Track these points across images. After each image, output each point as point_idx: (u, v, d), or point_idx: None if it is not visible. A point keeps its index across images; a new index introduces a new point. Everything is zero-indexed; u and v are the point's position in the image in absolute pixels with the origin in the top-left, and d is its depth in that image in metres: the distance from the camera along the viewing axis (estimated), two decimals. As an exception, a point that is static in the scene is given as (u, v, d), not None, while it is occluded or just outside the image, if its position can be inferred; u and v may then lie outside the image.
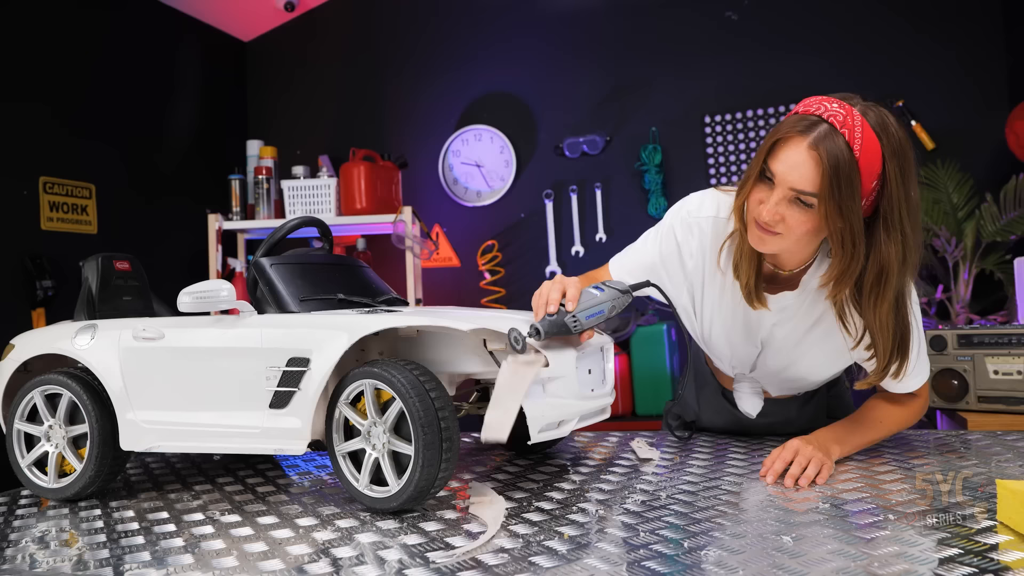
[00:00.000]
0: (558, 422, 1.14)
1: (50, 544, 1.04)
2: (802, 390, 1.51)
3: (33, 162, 2.79)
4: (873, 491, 1.11)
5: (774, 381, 1.48)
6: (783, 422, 1.56)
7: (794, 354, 1.39)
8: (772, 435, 1.57)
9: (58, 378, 1.27)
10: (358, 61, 3.89)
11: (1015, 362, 1.96)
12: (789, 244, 1.22)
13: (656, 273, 1.43)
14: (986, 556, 0.82)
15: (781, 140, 1.17)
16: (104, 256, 1.43)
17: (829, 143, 1.12)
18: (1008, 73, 3.15)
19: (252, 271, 1.27)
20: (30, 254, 2.73)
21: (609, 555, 0.88)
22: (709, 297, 1.40)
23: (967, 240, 2.89)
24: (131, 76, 3.28)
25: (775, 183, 1.18)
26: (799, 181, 1.15)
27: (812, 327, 1.34)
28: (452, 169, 3.71)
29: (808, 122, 1.15)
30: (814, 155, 1.13)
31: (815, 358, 1.39)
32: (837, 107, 1.15)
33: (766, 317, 1.35)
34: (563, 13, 3.59)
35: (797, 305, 1.33)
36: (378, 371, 1.07)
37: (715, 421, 1.63)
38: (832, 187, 1.12)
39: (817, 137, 1.13)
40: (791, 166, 1.15)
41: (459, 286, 3.70)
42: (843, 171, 1.12)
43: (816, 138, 1.13)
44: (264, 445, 1.17)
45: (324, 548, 0.96)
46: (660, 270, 1.43)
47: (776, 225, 1.19)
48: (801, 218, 1.17)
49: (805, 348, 1.37)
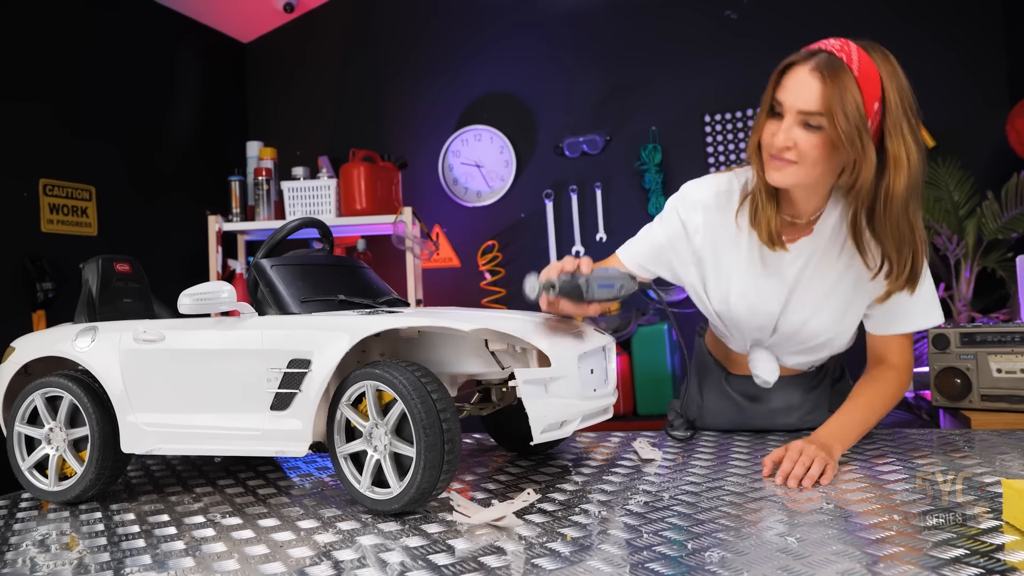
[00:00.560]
0: (560, 422, 1.14)
1: (51, 547, 1.04)
2: (815, 357, 1.54)
3: (33, 164, 2.79)
4: (877, 491, 1.11)
5: (791, 344, 1.50)
6: (785, 408, 1.59)
7: (814, 305, 1.43)
8: (773, 427, 1.59)
9: (59, 381, 1.27)
10: (357, 62, 3.88)
11: (1018, 360, 1.96)
12: (805, 171, 1.29)
13: (664, 255, 1.50)
14: (992, 556, 0.82)
15: (785, 72, 1.28)
16: (104, 258, 1.43)
17: (829, 65, 1.23)
18: (1008, 71, 3.15)
19: (253, 273, 1.27)
20: (30, 256, 2.73)
21: (612, 557, 0.88)
22: (727, 261, 1.46)
23: (968, 238, 2.88)
24: (131, 78, 3.28)
25: (784, 112, 1.27)
26: (805, 103, 1.24)
27: (831, 274, 1.41)
28: (452, 169, 3.70)
29: (809, 52, 1.27)
30: (816, 76, 1.23)
31: (833, 310, 1.43)
32: (835, 42, 1.27)
33: (787, 266, 1.41)
34: (562, 13, 3.59)
35: (813, 249, 1.40)
36: (379, 372, 1.07)
37: (719, 409, 1.65)
38: (835, 102, 1.21)
39: (817, 62, 1.24)
40: (796, 91, 1.25)
41: (459, 286, 3.69)
42: (843, 87, 1.21)
43: (816, 63, 1.24)
44: (265, 447, 1.17)
45: (325, 551, 0.96)
46: (668, 251, 1.50)
47: (789, 152, 1.27)
48: (812, 141, 1.26)
49: (824, 298, 1.42)
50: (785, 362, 1.54)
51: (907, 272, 1.32)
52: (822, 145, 1.25)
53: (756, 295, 1.44)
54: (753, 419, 1.62)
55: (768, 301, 1.44)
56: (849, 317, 1.44)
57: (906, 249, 1.31)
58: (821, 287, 1.42)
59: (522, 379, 1.10)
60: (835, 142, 1.24)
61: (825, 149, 1.26)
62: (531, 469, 1.36)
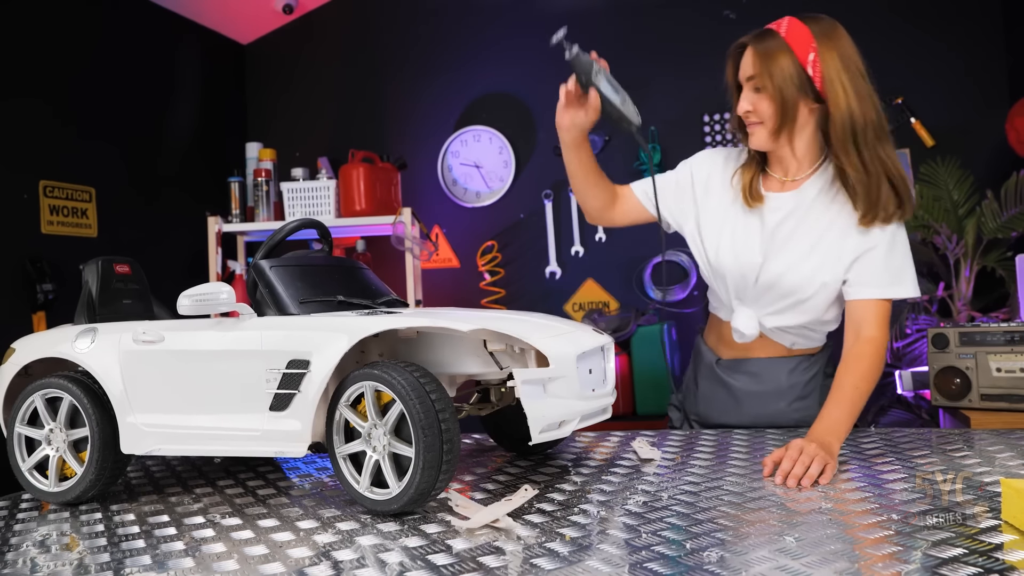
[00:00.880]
0: (559, 422, 1.14)
1: (51, 548, 1.04)
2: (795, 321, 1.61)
3: (33, 166, 2.79)
4: (876, 490, 1.11)
5: (771, 297, 1.60)
6: (775, 391, 1.67)
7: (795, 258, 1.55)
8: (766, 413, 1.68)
9: (58, 382, 1.27)
10: (357, 63, 3.89)
11: (1018, 359, 1.96)
12: (769, 129, 1.51)
13: (669, 193, 1.71)
14: (991, 556, 0.82)
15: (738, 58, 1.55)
16: (104, 259, 1.43)
17: (759, 36, 1.51)
18: (1008, 70, 3.15)
19: (251, 273, 1.27)
20: (30, 257, 2.73)
21: (611, 557, 0.88)
22: (719, 210, 1.64)
23: (968, 237, 2.88)
24: (131, 79, 3.28)
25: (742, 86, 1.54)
26: (747, 70, 1.51)
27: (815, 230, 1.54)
28: (451, 170, 3.71)
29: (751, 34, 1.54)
30: (751, 49, 1.51)
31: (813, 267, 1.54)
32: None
33: (769, 214, 1.58)
34: (561, 13, 3.59)
35: (797, 203, 1.56)
36: (378, 373, 1.07)
37: (712, 394, 1.74)
38: (766, 62, 1.47)
39: (752, 36, 1.52)
40: (743, 65, 1.53)
41: (459, 287, 3.69)
42: (770, 48, 1.47)
43: (751, 37, 1.52)
44: (264, 448, 1.17)
45: (325, 551, 0.96)
46: (673, 192, 1.72)
47: (752, 115, 1.52)
48: (763, 101, 1.49)
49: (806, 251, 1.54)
50: (766, 323, 1.63)
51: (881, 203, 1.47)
52: (769, 102, 1.48)
53: (743, 243, 1.59)
54: (745, 402, 1.70)
55: (751, 249, 1.58)
56: (827, 274, 1.53)
57: (876, 182, 1.46)
58: (805, 240, 1.55)
59: (520, 379, 1.10)
60: (778, 95, 1.46)
61: (775, 104, 1.48)
62: (530, 469, 1.36)
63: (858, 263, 1.51)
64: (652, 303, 3.41)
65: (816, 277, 1.54)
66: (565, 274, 3.58)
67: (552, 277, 3.58)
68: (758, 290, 1.60)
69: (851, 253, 1.51)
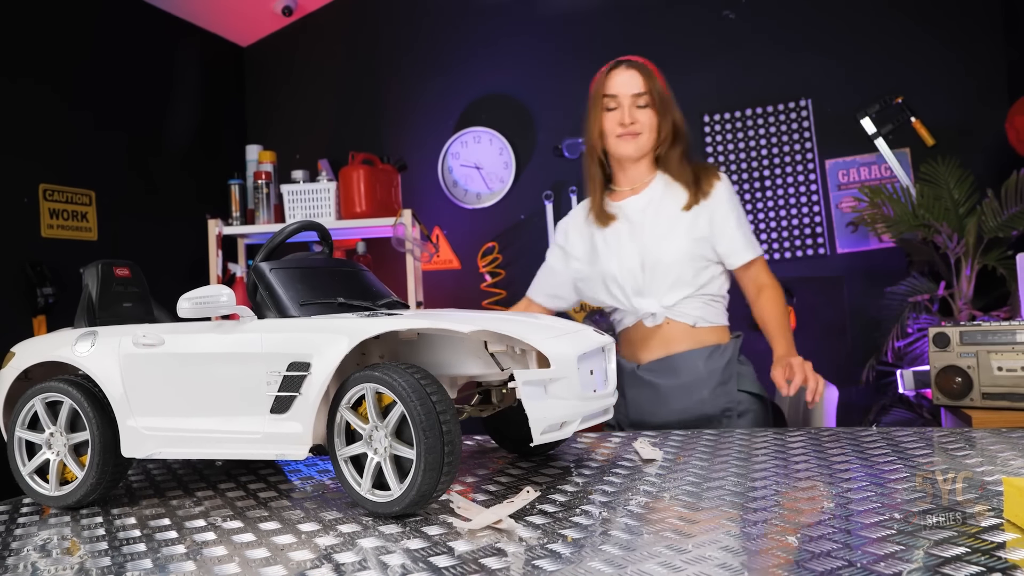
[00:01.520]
0: (560, 423, 1.14)
1: (52, 552, 1.04)
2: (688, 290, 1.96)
3: (33, 169, 2.80)
4: (878, 490, 1.11)
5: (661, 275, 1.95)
6: (695, 381, 1.91)
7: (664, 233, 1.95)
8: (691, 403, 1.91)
9: (59, 385, 1.27)
10: (356, 64, 3.89)
11: (1019, 358, 1.96)
12: (646, 138, 1.95)
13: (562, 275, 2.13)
14: (993, 555, 0.82)
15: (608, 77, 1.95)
16: (104, 263, 1.43)
17: (638, 64, 1.95)
18: (1008, 69, 3.15)
19: (251, 276, 1.27)
20: (31, 261, 2.73)
21: (613, 558, 0.88)
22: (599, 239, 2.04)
23: (969, 236, 2.88)
24: (130, 82, 3.28)
25: (618, 102, 1.93)
26: (635, 87, 1.92)
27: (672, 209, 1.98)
28: (451, 171, 3.71)
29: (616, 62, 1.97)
30: (633, 70, 1.94)
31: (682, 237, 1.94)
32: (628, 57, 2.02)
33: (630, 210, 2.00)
34: (560, 14, 3.59)
35: (650, 198, 2.00)
36: (379, 375, 1.07)
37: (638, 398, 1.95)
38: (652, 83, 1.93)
39: (628, 64, 1.95)
40: (625, 83, 1.93)
41: (460, 288, 3.70)
42: (651, 74, 1.94)
43: (628, 64, 1.95)
44: (266, 450, 1.17)
45: (326, 554, 0.96)
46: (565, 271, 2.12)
47: (634, 126, 1.92)
48: (647, 115, 1.94)
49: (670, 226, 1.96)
50: (667, 300, 1.94)
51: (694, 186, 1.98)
52: (652, 116, 1.94)
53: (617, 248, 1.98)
54: (671, 397, 1.89)
55: (626, 245, 1.97)
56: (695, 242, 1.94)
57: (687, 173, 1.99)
58: (666, 220, 1.95)
59: (521, 380, 1.10)
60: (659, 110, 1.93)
61: (655, 118, 1.94)
62: (532, 470, 1.36)
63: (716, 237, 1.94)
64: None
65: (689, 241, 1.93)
66: (565, 275, 3.57)
67: (552, 278, 3.58)
68: (648, 276, 1.94)
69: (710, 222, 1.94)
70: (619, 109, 1.92)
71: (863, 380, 3.10)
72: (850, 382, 3.14)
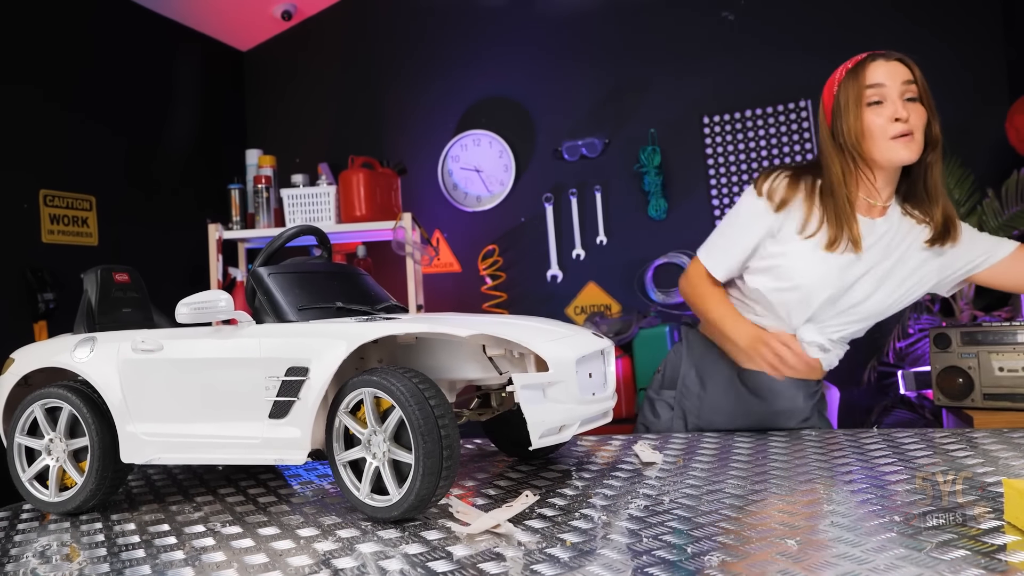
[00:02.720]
0: (559, 427, 1.14)
1: (51, 558, 1.04)
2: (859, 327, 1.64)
3: (33, 175, 2.80)
4: (878, 492, 1.11)
5: (848, 314, 1.60)
6: (788, 411, 1.68)
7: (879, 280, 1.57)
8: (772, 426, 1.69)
9: (58, 391, 1.27)
10: (355, 68, 3.89)
11: (1020, 359, 1.95)
12: (920, 139, 1.50)
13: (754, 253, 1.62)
14: (993, 557, 0.81)
15: (866, 67, 1.49)
16: (104, 268, 1.43)
17: (896, 54, 1.50)
18: (1007, 68, 3.15)
19: (250, 281, 1.27)
20: (31, 267, 2.73)
21: (612, 562, 0.88)
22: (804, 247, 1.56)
23: (969, 236, 2.87)
24: (130, 87, 3.29)
25: (884, 94, 1.48)
26: (903, 74, 1.47)
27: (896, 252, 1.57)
28: (451, 174, 3.71)
29: (869, 54, 1.51)
30: (894, 60, 1.49)
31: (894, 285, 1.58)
32: None
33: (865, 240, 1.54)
34: (559, 16, 3.59)
35: (885, 229, 1.56)
36: (377, 379, 1.07)
37: (721, 404, 1.72)
38: (917, 73, 1.49)
39: (886, 55, 1.49)
40: (891, 72, 1.48)
41: (460, 291, 3.69)
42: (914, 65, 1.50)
43: (886, 56, 1.49)
44: (264, 455, 1.17)
45: (325, 559, 0.96)
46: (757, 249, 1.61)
47: (906, 125, 1.46)
48: (919, 110, 1.49)
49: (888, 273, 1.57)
50: (833, 335, 1.63)
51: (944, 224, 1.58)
52: (923, 112, 1.49)
53: (839, 271, 1.54)
54: (759, 416, 1.69)
55: (845, 273, 1.55)
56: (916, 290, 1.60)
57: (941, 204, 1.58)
58: (887, 263, 1.56)
59: (520, 384, 1.09)
60: (928, 106, 1.50)
61: (926, 114, 1.49)
62: (531, 474, 1.36)
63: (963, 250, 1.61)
64: (654, 305, 3.41)
65: (908, 290, 1.59)
66: (567, 277, 3.57)
67: (554, 280, 3.58)
68: (840, 306, 1.59)
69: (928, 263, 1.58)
70: (887, 103, 1.48)
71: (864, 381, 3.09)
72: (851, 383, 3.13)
